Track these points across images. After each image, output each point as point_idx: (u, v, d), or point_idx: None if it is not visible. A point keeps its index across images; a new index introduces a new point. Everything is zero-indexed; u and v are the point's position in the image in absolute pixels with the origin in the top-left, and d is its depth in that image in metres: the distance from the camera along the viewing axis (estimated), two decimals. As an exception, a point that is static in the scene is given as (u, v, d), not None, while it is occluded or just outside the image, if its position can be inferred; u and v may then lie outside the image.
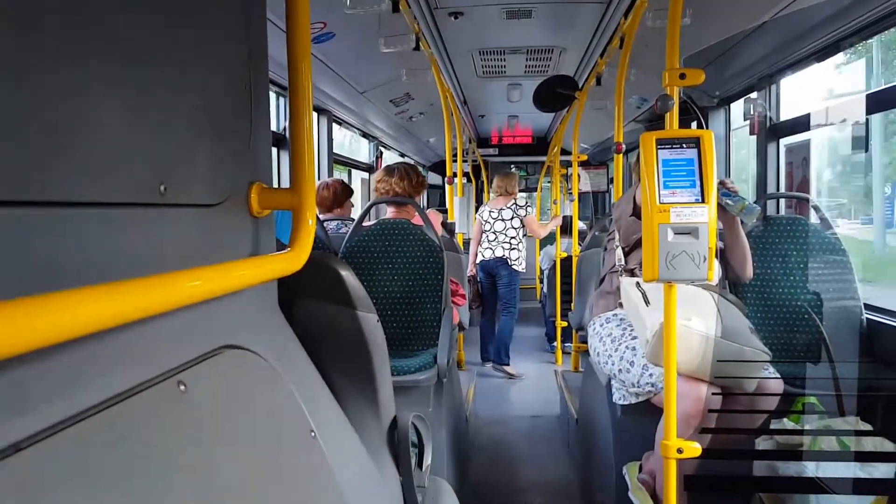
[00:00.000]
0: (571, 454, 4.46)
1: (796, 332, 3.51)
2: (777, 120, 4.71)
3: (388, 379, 1.71)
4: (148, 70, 0.91)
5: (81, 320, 0.63)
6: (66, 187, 0.74)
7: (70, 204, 0.75)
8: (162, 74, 0.94)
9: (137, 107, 0.88)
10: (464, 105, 7.78)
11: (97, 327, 0.65)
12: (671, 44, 2.04)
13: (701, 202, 1.97)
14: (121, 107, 0.84)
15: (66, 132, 0.74)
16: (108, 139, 0.82)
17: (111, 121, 0.82)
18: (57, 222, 0.74)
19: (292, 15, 1.23)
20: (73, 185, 0.76)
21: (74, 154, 0.75)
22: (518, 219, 6.77)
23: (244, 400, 1.07)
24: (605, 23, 4.30)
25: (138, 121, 0.88)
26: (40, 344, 0.58)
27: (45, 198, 0.71)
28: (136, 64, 0.88)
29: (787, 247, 3.60)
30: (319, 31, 3.89)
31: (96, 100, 0.79)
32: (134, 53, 0.87)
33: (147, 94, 0.90)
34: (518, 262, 6.78)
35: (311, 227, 1.23)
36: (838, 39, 3.73)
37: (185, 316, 0.95)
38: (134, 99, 0.87)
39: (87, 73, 0.78)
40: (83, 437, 0.70)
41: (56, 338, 0.60)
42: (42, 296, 0.59)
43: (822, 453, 2.24)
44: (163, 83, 0.95)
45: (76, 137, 0.76)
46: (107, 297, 0.67)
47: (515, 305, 6.83)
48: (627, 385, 2.81)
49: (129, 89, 0.86)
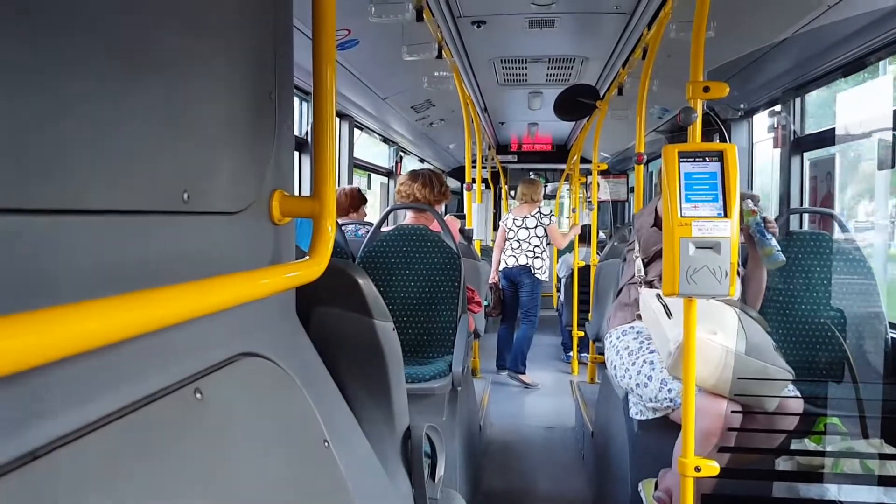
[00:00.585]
0: (586, 467, 4.43)
1: (818, 350, 3.46)
2: (801, 134, 4.67)
3: (402, 388, 1.70)
4: (173, 77, 0.90)
5: (103, 331, 0.63)
6: (90, 194, 0.74)
7: (94, 212, 0.75)
8: (187, 81, 0.94)
9: (162, 114, 0.88)
10: (484, 112, 7.78)
11: (118, 337, 0.65)
12: (695, 56, 2.02)
13: (723, 216, 1.94)
14: (145, 114, 0.84)
15: (90, 139, 0.74)
16: (132, 146, 0.81)
17: (136, 128, 0.82)
18: (81, 229, 0.74)
19: (318, 22, 1.23)
20: (98, 193, 0.76)
21: (98, 161, 0.75)
22: (542, 227, 6.71)
23: (260, 408, 1.08)
24: (629, 33, 4.29)
25: (162, 128, 0.88)
26: (63, 354, 0.58)
27: (69, 206, 0.71)
28: (160, 70, 0.87)
29: (810, 262, 3.55)
30: (344, 37, 3.90)
31: (121, 106, 0.79)
32: (158, 60, 0.87)
33: (172, 101, 0.90)
34: (541, 270, 6.73)
35: (330, 235, 1.23)
36: (865, 54, 3.69)
37: (203, 324, 0.95)
38: (158, 106, 0.87)
39: (112, 79, 0.78)
40: (101, 445, 0.70)
41: (78, 348, 0.60)
42: (65, 307, 0.59)
43: (844, 476, 2.21)
44: (188, 90, 0.94)
45: (101, 145, 0.75)
46: (128, 308, 0.67)
47: (536, 314, 6.78)
48: (645, 400, 2.78)
49: (153, 96, 0.86)
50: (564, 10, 4.13)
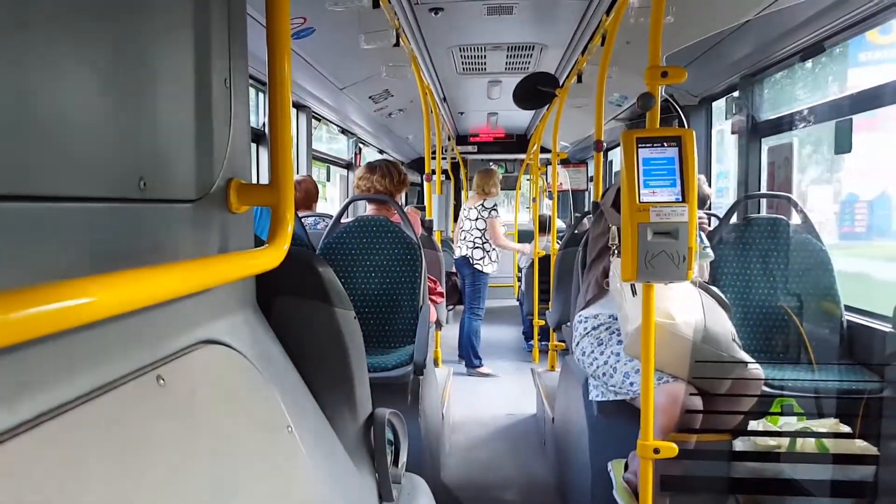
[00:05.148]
0: (547, 453, 4.47)
1: (776, 333, 3.52)
2: (759, 119, 4.73)
3: (364, 376, 1.71)
4: (128, 64, 0.90)
5: (59, 315, 0.62)
6: (43, 181, 0.74)
7: (48, 198, 0.75)
8: (142, 69, 0.94)
9: (117, 101, 0.88)
10: (443, 102, 7.77)
11: (75, 322, 0.65)
12: (654, 41, 2.03)
13: (681, 202, 1.97)
14: (100, 101, 0.84)
15: (43, 126, 0.73)
16: (87, 133, 0.81)
17: (90, 115, 0.82)
18: (35, 216, 0.73)
19: (272, 9, 1.21)
20: (51, 180, 0.75)
21: (52, 148, 0.75)
22: (482, 220, 6.72)
23: (222, 394, 1.08)
24: (587, 20, 4.30)
25: (118, 115, 0.88)
26: (16, 339, 0.58)
27: (21, 191, 0.71)
28: (115, 58, 0.87)
29: (767, 247, 3.61)
30: (299, 26, 3.86)
31: (75, 93, 0.79)
32: (113, 48, 0.87)
33: (127, 88, 0.90)
34: (482, 261, 6.71)
35: (289, 223, 1.22)
36: (822, 39, 3.74)
37: (164, 311, 0.96)
38: (114, 93, 0.87)
39: (66, 66, 0.77)
40: (63, 430, 0.70)
41: (33, 332, 0.59)
42: (19, 290, 0.59)
43: (800, 455, 2.25)
44: (143, 77, 0.94)
45: (54, 131, 0.75)
46: (84, 292, 0.66)
47: (479, 305, 6.76)
48: (608, 386, 2.81)
49: (107, 82, 0.85)
50: None
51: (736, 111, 4.82)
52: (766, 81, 4.71)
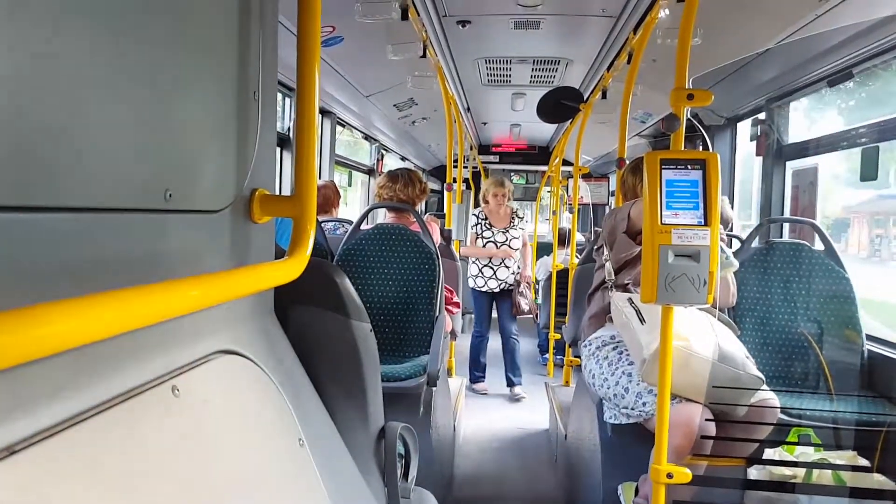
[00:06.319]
0: (558, 469, 4.44)
1: (795, 361, 3.48)
2: (785, 143, 4.69)
3: (378, 388, 1.71)
4: (157, 74, 0.90)
5: (81, 329, 0.63)
6: (71, 192, 0.74)
7: (75, 209, 0.76)
8: (171, 79, 0.94)
9: (145, 112, 0.88)
10: (467, 112, 7.76)
11: (96, 337, 0.65)
12: (680, 63, 2.02)
13: (703, 225, 1.95)
14: (128, 111, 0.84)
15: (71, 136, 0.74)
16: (114, 144, 0.82)
17: (118, 125, 0.82)
18: (62, 227, 0.74)
19: (304, 19, 1.22)
20: (79, 190, 0.76)
21: (80, 159, 0.75)
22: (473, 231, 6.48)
23: (236, 405, 1.09)
24: (614, 37, 4.29)
25: (146, 126, 0.88)
26: (42, 353, 0.58)
27: (49, 203, 0.71)
28: (144, 68, 0.87)
29: (789, 272, 3.57)
30: (328, 34, 3.88)
31: (103, 104, 0.79)
32: (142, 57, 0.87)
33: (156, 100, 0.90)
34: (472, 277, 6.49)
35: (310, 235, 1.22)
36: (851, 65, 3.71)
37: (182, 321, 0.97)
38: (142, 105, 0.87)
39: (94, 76, 0.77)
40: (78, 440, 0.71)
41: (57, 347, 0.60)
42: (43, 305, 0.59)
43: (816, 487, 2.22)
44: (172, 88, 0.94)
45: (82, 142, 0.75)
46: (106, 306, 0.66)
47: (477, 321, 6.58)
48: (620, 407, 2.78)
49: (137, 94, 0.86)
50: (550, 12, 4.12)
51: (761, 133, 4.78)
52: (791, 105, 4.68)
